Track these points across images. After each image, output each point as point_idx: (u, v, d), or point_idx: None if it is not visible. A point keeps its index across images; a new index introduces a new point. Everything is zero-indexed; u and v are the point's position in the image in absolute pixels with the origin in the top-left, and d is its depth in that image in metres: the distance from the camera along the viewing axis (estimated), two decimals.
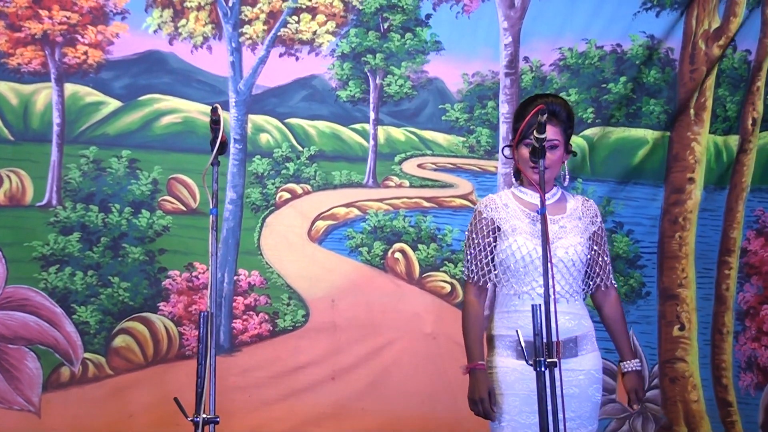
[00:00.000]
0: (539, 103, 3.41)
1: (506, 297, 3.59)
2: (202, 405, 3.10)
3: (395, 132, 5.51)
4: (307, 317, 5.43)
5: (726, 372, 5.67)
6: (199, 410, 3.10)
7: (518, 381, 3.52)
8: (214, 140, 3.23)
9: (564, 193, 3.69)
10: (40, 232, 5.30)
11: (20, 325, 5.24)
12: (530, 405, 3.43)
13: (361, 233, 5.49)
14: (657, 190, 5.65)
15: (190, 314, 5.36)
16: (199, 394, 3.11)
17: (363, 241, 5.49)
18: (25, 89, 5.31)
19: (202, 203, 5.40)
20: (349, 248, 5.49)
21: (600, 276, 3.66)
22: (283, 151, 5.47)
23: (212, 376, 3.13)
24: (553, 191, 3.62)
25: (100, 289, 5.31)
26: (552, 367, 3.09)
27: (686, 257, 5.65)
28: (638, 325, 5.62)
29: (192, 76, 5.40)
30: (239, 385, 5.30)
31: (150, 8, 5.37)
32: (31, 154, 5.31)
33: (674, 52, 5.63)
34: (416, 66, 5.51)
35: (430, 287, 5.50)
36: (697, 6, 5.62)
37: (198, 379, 3.13)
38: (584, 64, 5.59)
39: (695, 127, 5.66)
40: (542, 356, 3.08)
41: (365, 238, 5.49)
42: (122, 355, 5.33)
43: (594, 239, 3.64)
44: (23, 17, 5.28)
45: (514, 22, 5.53)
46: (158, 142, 5.40)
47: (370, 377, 5.39)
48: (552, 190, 3.61)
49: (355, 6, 5.48)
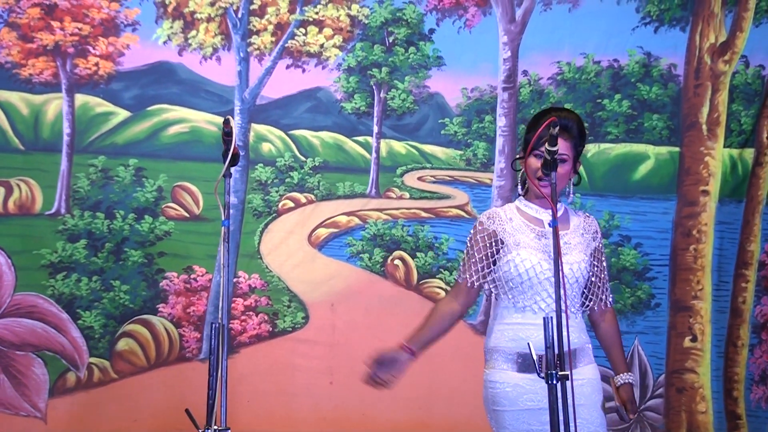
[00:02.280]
0: (552, 115, 3.36)
1: (506, 310, 3.57)
2: (213, 416, 3.08)
3: (396, 145, 5.60)
4: (307, 320, 5.49)
5: (738, 385, 5.68)
6: (211, 422, 3.08)
7: (521, 396, 3.50)
8: (226, 152, 3.23)
9: (567, 209, 3.68)
10: (48, 240, 5.34)
11: (28, 331, 5.28)
12: (536, 417, 3.44)
13: (360, 240, 5.57)
14: (668, 204, 5.70)
15: (189, 316, 5.40)
16: (210, 406, 3.10)
17: (363, 248, 5.58)
18: (36, 99, 5.36)
19: (205, 209, 5.44)
20: (349, 255, 5.57)
21: (599, 293, 3.65)
22: (286, 160, 5.54)
23: (223, 387, 3.12)
24: (558, 206, 3.48)
25: (103, 294, 5.36)
26: (564, 380, 3.05)
27: (702, 269, 5.67)
28: (645, 336, 5.67)
29: (200, 86, 5.45)
30: (236, 387, 5.26)
31: (160, 20, 5.42)
32: (41, 164, 5.36)
33: (677, 68, 5.69)
34: (418, 81, 5.59)
35: (427, 293, 5.58)
36: (702, 21, 5.66)
37: (209, 390, 3.12)
38: (581, 79, 5.67)
39: (708, 142, 5.70)
40: (554, 369, 3.03)
41: (365, 245, 5.58)
42: (126, 358, 5.38)
43: (595, 255, 3.64)
44: (35, 28, 5.33)
45: (514, 37, 5.61)
46: (165, 151, 5.46)
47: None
48: (557, 205, 3.49)
49: (361, 20, 5.55)
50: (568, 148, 3.48)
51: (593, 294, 3.63)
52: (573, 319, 3.52)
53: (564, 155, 3.44)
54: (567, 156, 3.48)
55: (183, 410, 3.20)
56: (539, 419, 3.40)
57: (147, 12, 5.42)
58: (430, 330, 3.61)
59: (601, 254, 3.66)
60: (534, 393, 3.44)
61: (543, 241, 3.50)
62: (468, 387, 3.91)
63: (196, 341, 5.43)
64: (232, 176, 3.31)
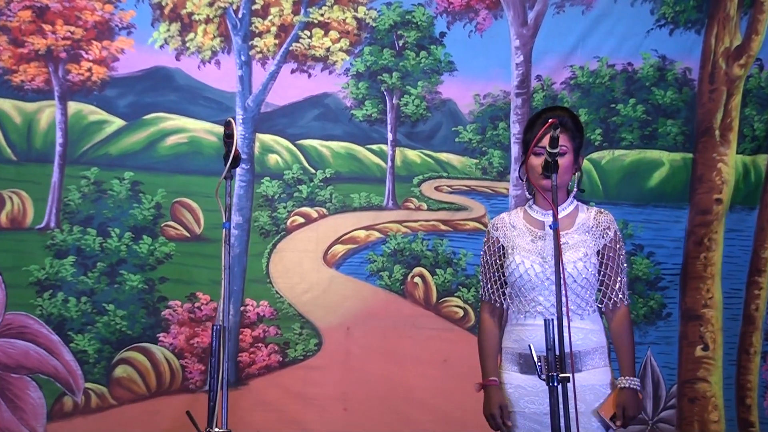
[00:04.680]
0: (547, 116, 3.47)
1: (512, 313, 3.66)
2: (215, 418, 3.11)
3: (411, 154, 5.48)
4: (320, 346, 5.33)
5: (751, 392, 5.63)
6: (212, 423, 3.10)
7: (522, 398, 3.57)
8: (227, 154, 3.23)
9: (578, 206, 3.68)
10: (38, 256, 5.19)
11: (21, 353, 5.14)
12: (536, 422, 3.52)
13: (381, 256, 5.41)
14: (681, 213, 5.62)
15: (192, 347, 5.24)
16: (211, 408, 3.12)
17: (384, 265, 5.43)
18: (28, 107, 5.21)
19: (206, 228, 5.29)
20: (369, 272, 5.42)
21: (606, 291, 3.64)
22: (294, 173, 5.37)
23: (224, 389, 3.13)
24: (566, 203, 3.63)
25: (96, 317, 5.19)
26: (565, 382, 3.11)
27: (712, 278, 5.61)
28: (657, 346, 5.60)
29: (199, 92, 5.32)
30: (246, 419, 5.17)
31: (157, 22, 5.28)
32: (33, 175, 5.20)
33: (692, 72, 5.62)
34: (431, 86, 5.47)
35: (446, 313, 5.43)
36: (717, 24, 5.60)
37: (210, 392, 3.13)
38: (595, 83, 5.59)
39: (721, 148, 5.62)
40: (554, 371, 3.10)
41: (386, 262, 5.42)
42: (124, 385, 5.23)
43: (604, 252, 3.62)
44: (26, 32, 5.17)
45: (526, 41, 5.51)
46: (163, 164, 5.30)
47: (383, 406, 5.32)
48: (565, 202, 3.63)
49: (368, 23, 5.41)
50: (566, 140, 3.55)
51: (601, 293, 3.64)
52: (581, 320, 3.56)
53: (563, 146, 3.50)
54: (566, 147, 3.55)
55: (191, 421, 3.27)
56: (540, 421, 3.50)
57: (143, 14, 5.26)
58: (491, 355, 3.70)
59: (612, 251, 3.63)
60: (535, 396, 3.51)
61: (539, 244, 3.57)
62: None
63: (199, 373, 5.26)
64: (233, 178, 3.32)
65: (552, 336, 3.10)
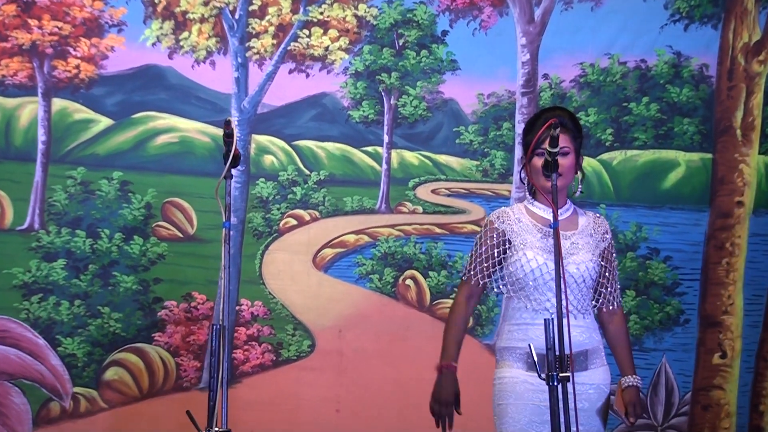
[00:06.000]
0: (547, 116, 3.51)
1: (516, 310, 3.64)
2: (215, 418, 3.13)
3: (408, 156, 5.38)
4: (313, 348, 5.28)
5: (765, 399, 5.57)
6: (212, 423, 3.12)
7: (528, 391, 3.56)
8: (227, 153, 3.25)
9: (576, 210, 3.74)
10: (20, 258, 5.07)
11: (1, 358, 5.04)
12: (539, 416, 3.50)
13: (371, 260, 5.35)
14: (700, 216, 5.50)
15: (188, 345, 5.18)
16: (211, 407, 3.14)
17: (373, 268, 5.35)
18: (8, 103, 5.09)
19: (200, 229, 5.22)
20: (358, 275, 5.35)
21: (607, 294, 3.71)
22: (289, 174, 5.29)
23: (224, 389, 3.15)
24: (565, 207, 3.68)
25: (89, 320, 5.12)
26: (565, 381, 3.13)
27: (734, 284, 5.51)
28: (673, 353, 5.51)
29: (191, 92, 5.21)
30: (239, 417, 5.00)
31: (149, 20, 5.17)
32: (12, 174, 5.10)
33: (709, 68, 5.49)
34: (431, 86, 5.36)
35: (440, 315, 5.31)
36: (735, 18, 5.45)
37: (210, 392, 3.15)
38: (606, 81, 5.47)
39: (743, 149, 5.51)
40: (555, 370, 3.11)
41: (375, 265, 5.35)
42: (115, 387, 5.15)
43: (604, 256, 3.70)
44: (10, 26, 5.06)
45: (533, 38, 5.39)
46: (153, 164, 5.19)
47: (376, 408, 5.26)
48: (565, 205, 3.68)
49: (369, 21, 5.30)
50: (567, 141, 3.59)
51: (601, 295, 3.70)
52: (582, 319, 3.62)
53: (565, 147, 3.55)
54: (568, 148, 3.59)
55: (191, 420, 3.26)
56: (541, 417, 3.47)
57: (134, 11, 5.15)
58: (456, 341, 3.69)
59: (610, 255, 3.73)
60: (542, 392, 3.45)
61: (549, 241, 3.58)
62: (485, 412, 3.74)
63: (195, 370, 5.20)
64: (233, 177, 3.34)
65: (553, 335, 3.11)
